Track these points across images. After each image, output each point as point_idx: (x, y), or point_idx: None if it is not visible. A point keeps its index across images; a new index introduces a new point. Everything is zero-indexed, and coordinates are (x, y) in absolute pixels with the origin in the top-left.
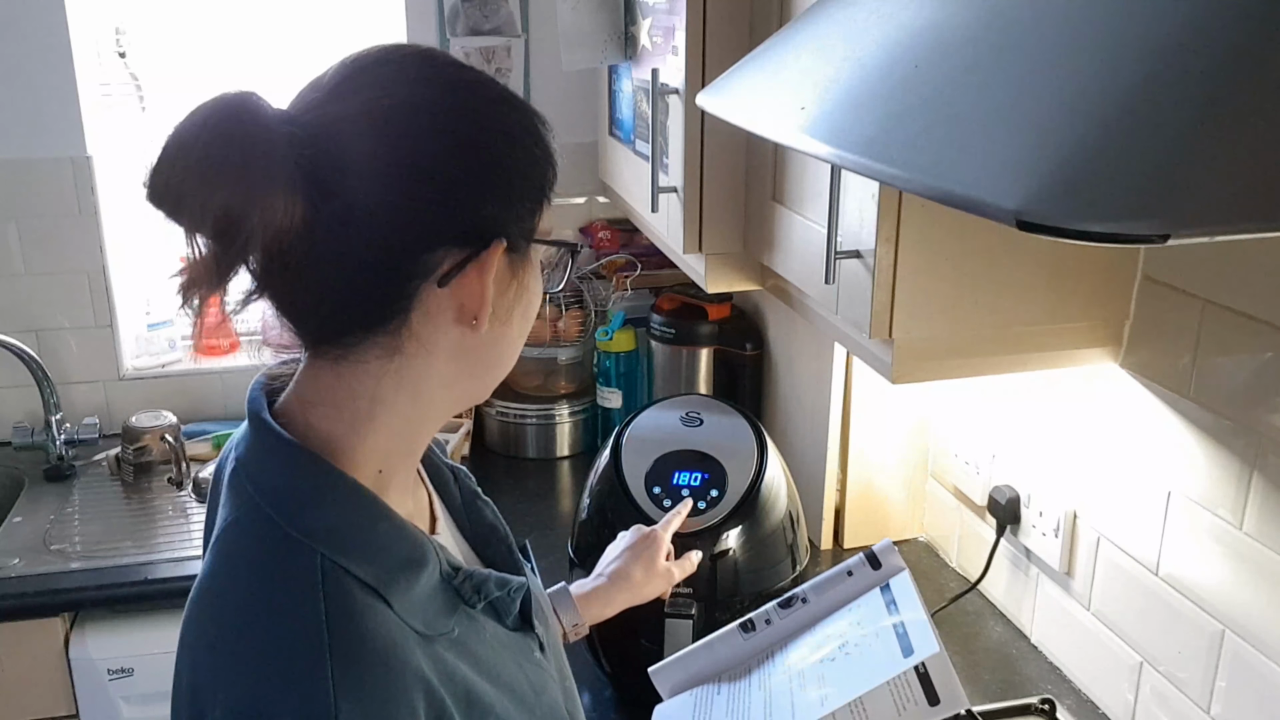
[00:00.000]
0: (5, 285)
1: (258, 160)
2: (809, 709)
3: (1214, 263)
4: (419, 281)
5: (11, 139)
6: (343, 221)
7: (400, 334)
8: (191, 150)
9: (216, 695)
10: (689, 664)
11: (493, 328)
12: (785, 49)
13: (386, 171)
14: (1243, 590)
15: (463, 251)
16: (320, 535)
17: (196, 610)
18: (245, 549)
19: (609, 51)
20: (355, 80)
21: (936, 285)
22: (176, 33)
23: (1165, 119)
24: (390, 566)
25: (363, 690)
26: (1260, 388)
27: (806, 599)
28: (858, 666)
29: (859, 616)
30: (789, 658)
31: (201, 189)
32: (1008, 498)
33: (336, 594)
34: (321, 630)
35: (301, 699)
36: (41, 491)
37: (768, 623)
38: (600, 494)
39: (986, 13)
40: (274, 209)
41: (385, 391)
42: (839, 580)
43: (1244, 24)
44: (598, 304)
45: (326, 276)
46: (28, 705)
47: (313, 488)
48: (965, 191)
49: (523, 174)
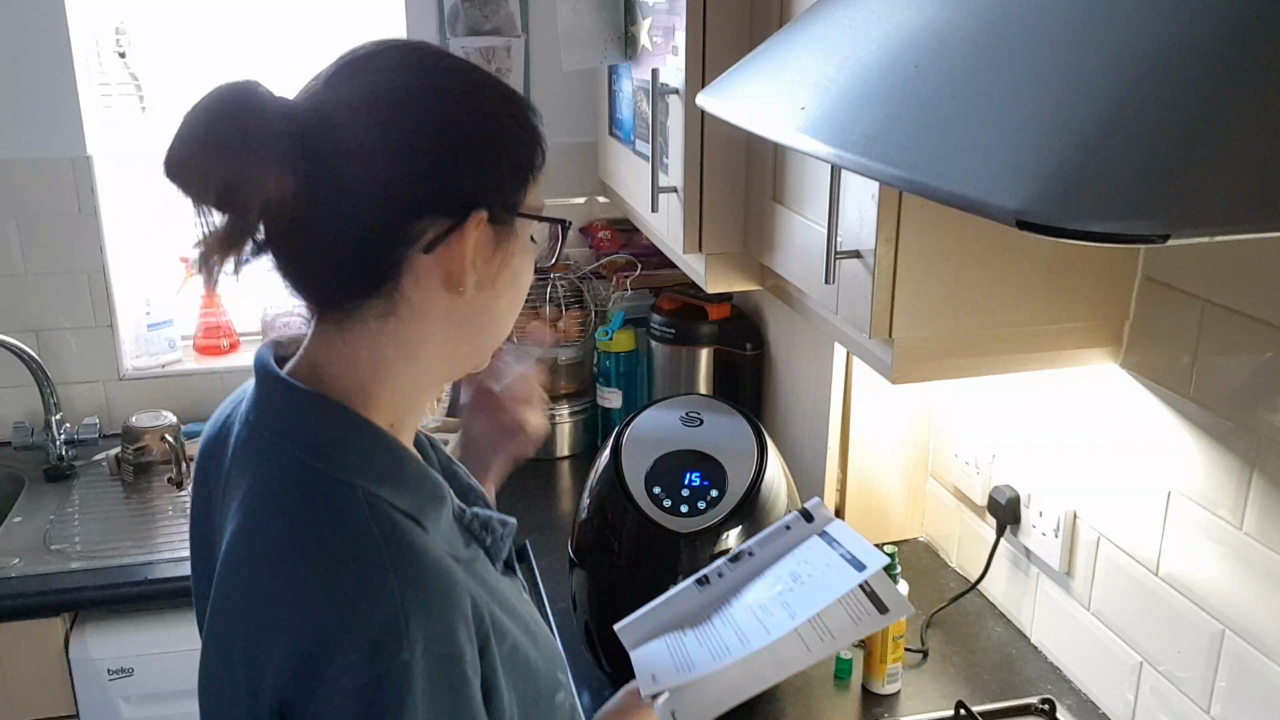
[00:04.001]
0: (5, 285)
1: (253, 137)
2: (779, 627)
3: (1214, 263)
4: (406, 248)
5: (11, 139)
6: (335, 193)
7: (394, 298)
8: (198, 128)
9: (283, 630)
10: (652, 618)
11: (480, 295)
12: (785, 49)
13: (374, 148)
14: (1243, 590)
15: (446, 221)
16: (358, 473)
17: (241, 569)
18: (288, 496)
19: (609, 51)
20: (349, 69)
21: (936, 285)
22: (176, 33)
23: (1165, 119)
24: (421, 499)
25: (425, 601)
26: (1260, 388)
27: (753, 552)
28: (814, 590)
29: (805, 556)
30: (746, 598)
31: (205, 162)
32: (1008, 498)
33: (385, 520)
34: (380, 550)
35: (374, 614)
36: (41, 491)
37: (720, 575)
38: (600, 494)
39: (986, 13)
40: (268, 181)
41: (386, 351)
42: (779, 534)
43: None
44: (598, 304)
45: (324, 243)
46: (28, 705)
47: (345, 433)
48: (965, 191)
49: (503, 151)
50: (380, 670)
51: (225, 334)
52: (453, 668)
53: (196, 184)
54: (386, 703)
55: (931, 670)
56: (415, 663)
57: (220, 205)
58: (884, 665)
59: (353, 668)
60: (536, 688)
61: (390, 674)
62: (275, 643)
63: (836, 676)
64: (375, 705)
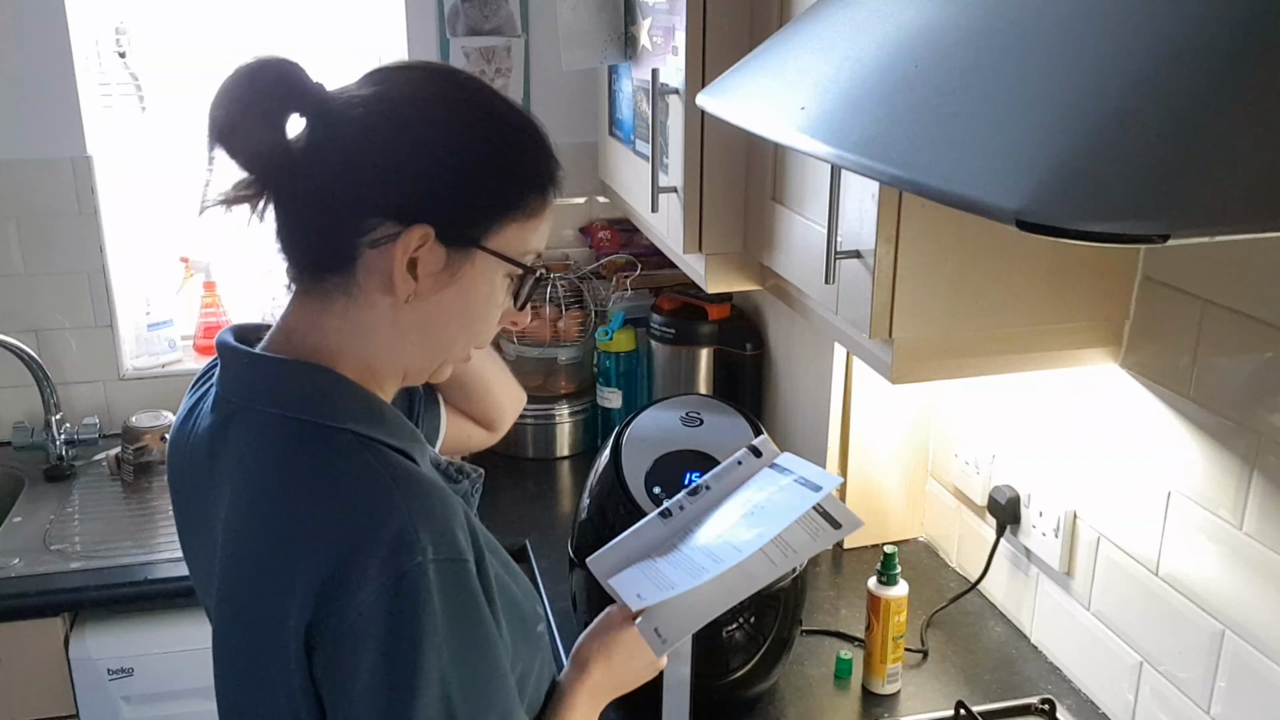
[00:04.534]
0: (5, 285)
1: (259, 89)
2: (749, 545)
3: (1214, 263)
4: (358, 239)
5: (11, 139)
6: (317, 171)
7: (349, 279)
8: (228, 81)
9: (301, 560)
10: (621, 548)
11: (419, 307)
12: (785, 49)
13: (356, 143)
14: (1243, 590)
15: (394, 225)
16: (346, 419)
17: (248, 524)
18: (283, 448)
19: (609, 51)
20: (376, 76)
21: (936, 285)
22: (176, 33)
23: (1165, 119)
24: (405, 440)
25: (429, 512)
26: (1260, 388)
27: (709, 486)
28: (776, 512)
29: (760, 485)
30: (711, 524)
31: (218, 106)
32: (1008, 498)
33: (378, 452)
34: (382, 475)
35: (386, 527)
36: (41, 491)
37: (681, 509)
38: (600, 494)
39: (986, 13)
40: (257, 134)
41: (344, 329)
42: (731, 469)
43: (1244, 24)
44: (598, 304)
45: (302, 213)
46: (28, 705)
47: (326, 387)
48: (965, 191)
49: (474, 184)
50: (398, 575)
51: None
52: (461, 569)
53: (211, 125)
54: (407, 605)
55: (931, 670)
56: (428, 564)
57: (220, 139)
58: (884, 665)
59: (372, 579)
60: (520, 614)
61: (408, 576)
62: (296, 578)
63: (836, 676)
64: (398, 605)
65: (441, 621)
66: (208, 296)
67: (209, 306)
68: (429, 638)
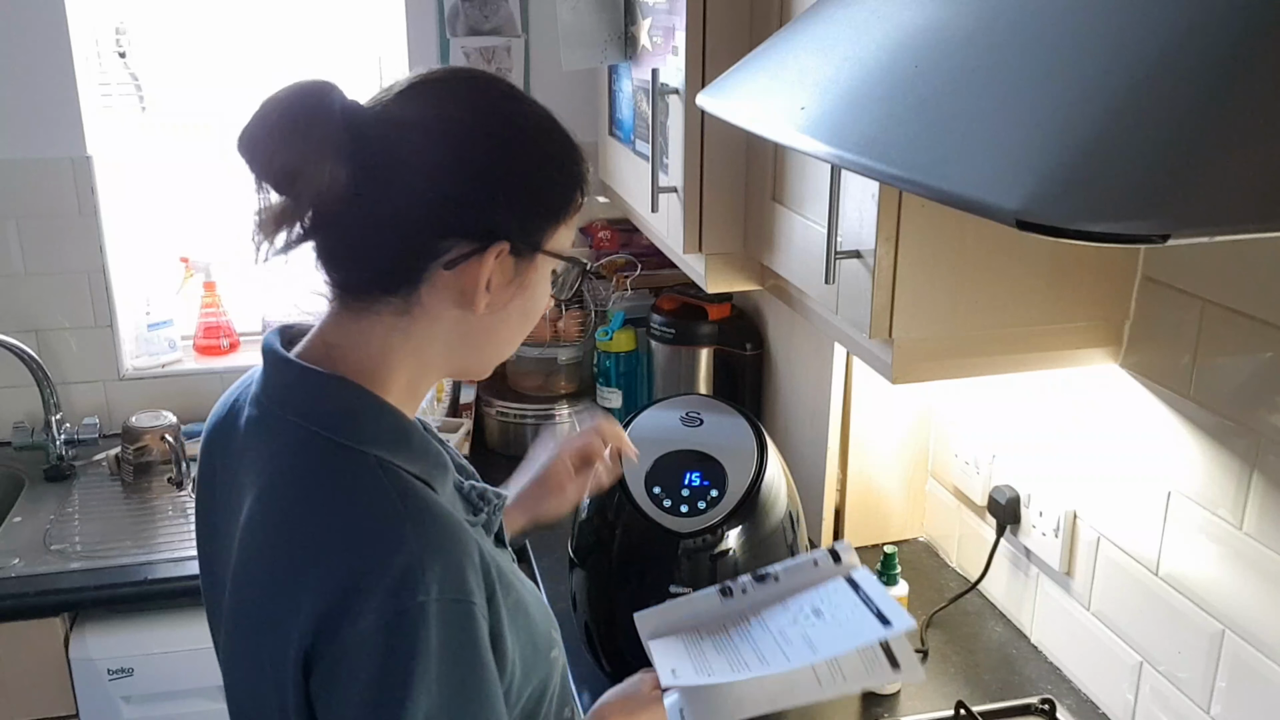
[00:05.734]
0: (5, 285)
1: (316, 131)
2: (799, 658)
3: (1214, 263)
4: (430, 261)
5: (11, 139)
6: (379, 199)
7: (411, 300)
8: (271, 114)
9: (307, 585)
10: (670, 613)
11: (489, 315)
12: (785, 49)
13: (421, 167)
14: (1243, 590)
15: (470, 245)
16: (370, 441)
17: (261, 537)
18: (303, 466)
19: (609, 51)
20: (419, 90)
21: (936, 285)
22: (176, 33)
23: (1165, 119)
24: (428, 466)
25: (439, 549)
26: (1260, 388)
27: (778, 577)
28: (837, 631)
29: (828, 596)
30: (767, 620)
31: (270, 145)
32: (1008, 498)
33: (397, 480)
34: (395, 504)
35: (391, 563)
36: (41, 491)
37: (744, 591)
38: (600, 494)
39: (986, 13)
40: (322, 173)
41: (394, 344)
42: (806, 567)
43: (1244, 24)
44: (598, 304)
45: (360, 240)
46: (28, 705)
47: (355, 406)
48: (965, 191)
49: (540, 194)
50: (399, 611)
51: (225, 334)
52: (464, 611)
53: (261, 163)
54: (404, 641)
55: (931, 670)
56: (430, 604)
57: (278, 186)
58: None
59: (372, 610)
60: (535, 641)
61: (408, 614)
62: (301, 599)
63: None
64: (393, 643)
65: (435, 662)
66: (208, 296)
67: (209, 306)
68: (421, 677)
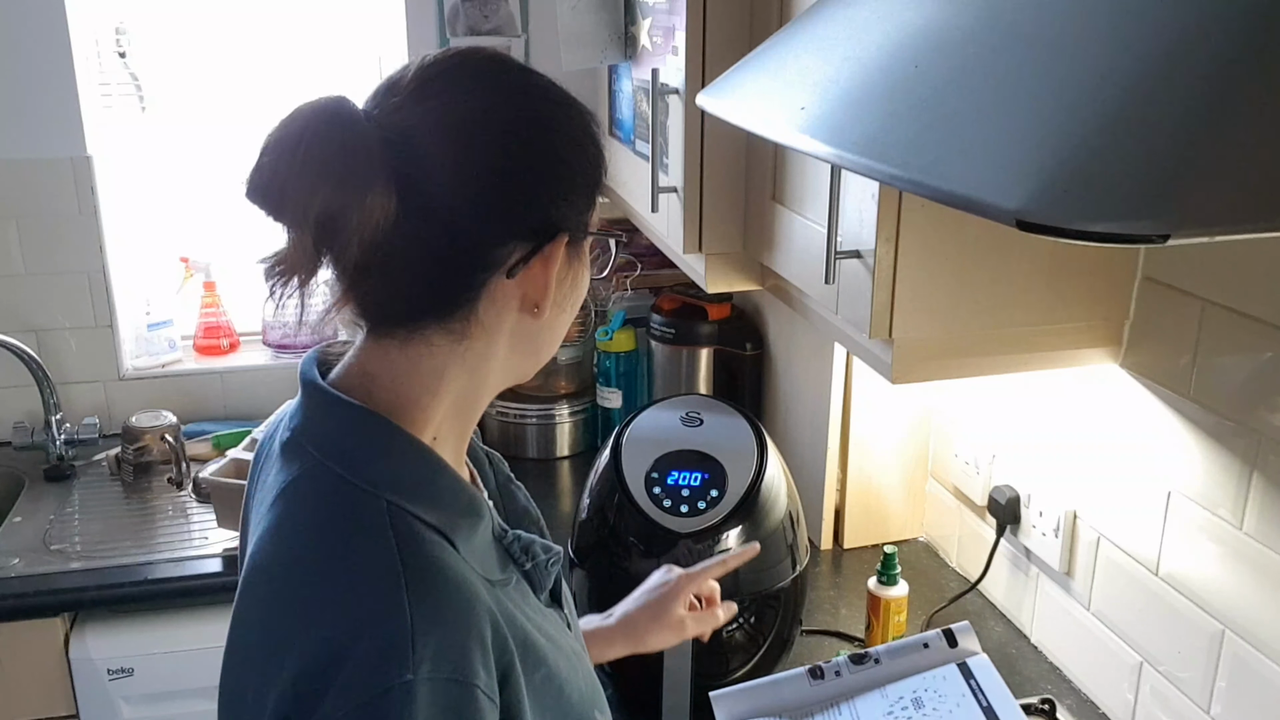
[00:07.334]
0: (5, 285)
1: (358, 163)
2: None
3: (1214, 263)
4: (489, 273)
5: (11, 139)
6: (424, 219)
7: (469, 320)
8: (294, 152)
9: (292, 647)
10: (752, 696)
11: (550, 314)
12: (785, 49)
13: (464, 173)
14: (1243, 590)
15: (529, 245)
16: (385, 485)
17: (263, 572)
18: (311, 503)
19: (609, 51)
20: (433, 84)
21: (936, 285)
22: (176, 33)
23: (1165, 119)
24: (452, 513)
25: (438, 621)
26: (1260, 388)
27: (880, 660)
28: None
29: (935, 685)
30: (859, 709)
31: (304, 189)
32: (1008, 498)
33: (406, 534)
34: (395, 564)
35: (380, 632)
36: (41, 491)
37: (837, 674)
38: (600, 494)
39: (986, 13)
40: (373, 208)
41: (449, 370)
42: (914, 649)
43: (1244, 24)
44: (598, 304)
45: (408, 269)
46: (28, 705)
47: (376, 444)
48: (965, 191)
49: (582, 173)
50: (382, 689)
51: (225, 334)
52: (462, 693)
53: (292, 211)
54: None
55: None
56: (419, 684)
57: (319, 232)
58: None
59: (353, 687)
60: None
61: (391, 694)
62: (286, 661)
63: None
64: None
65: None
66: (208, 296)
67: (209, 306)
68: None
